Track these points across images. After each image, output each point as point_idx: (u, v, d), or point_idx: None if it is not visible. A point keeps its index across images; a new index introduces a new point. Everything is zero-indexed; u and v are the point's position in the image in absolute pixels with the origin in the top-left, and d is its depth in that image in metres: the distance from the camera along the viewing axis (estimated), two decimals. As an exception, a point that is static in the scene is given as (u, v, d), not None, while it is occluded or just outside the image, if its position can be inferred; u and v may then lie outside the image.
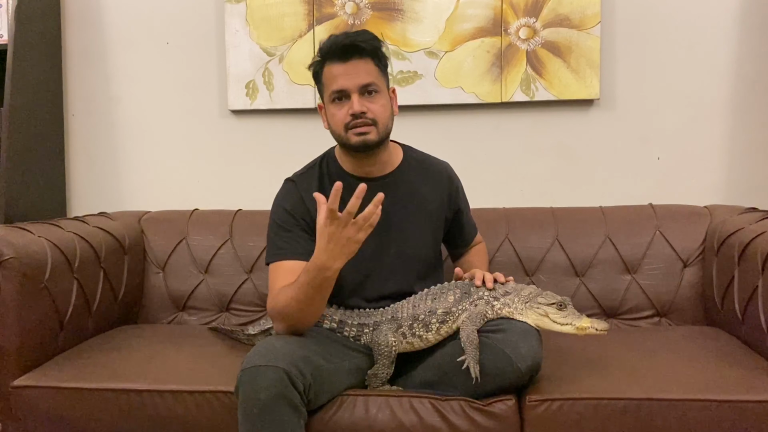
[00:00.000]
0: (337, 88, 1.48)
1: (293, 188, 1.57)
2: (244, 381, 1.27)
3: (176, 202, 2.26)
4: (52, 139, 2.28)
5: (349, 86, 1.47)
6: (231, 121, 2.30)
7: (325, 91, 1.52)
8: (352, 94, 1.47)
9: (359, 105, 1.47)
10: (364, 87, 1.48)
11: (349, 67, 1.47)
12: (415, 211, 1.59)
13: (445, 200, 1.64)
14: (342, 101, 1.49)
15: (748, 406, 1.32)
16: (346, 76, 1.47)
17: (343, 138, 1.51)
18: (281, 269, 1.49)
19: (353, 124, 1.48)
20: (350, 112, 1.47)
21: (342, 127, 1.49)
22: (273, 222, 1.56)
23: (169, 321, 2.01)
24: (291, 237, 1.52)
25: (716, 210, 1.94)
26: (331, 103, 1.51)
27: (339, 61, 1.48)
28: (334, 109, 1.50)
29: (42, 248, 1.61)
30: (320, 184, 1.56)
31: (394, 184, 1.58)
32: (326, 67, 1.50)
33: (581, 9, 2.11)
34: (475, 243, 1.79)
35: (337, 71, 1.48)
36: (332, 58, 1.49)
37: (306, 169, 1.62)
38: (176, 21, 2.29)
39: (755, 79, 2.12)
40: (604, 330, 1.36)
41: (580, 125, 2.19)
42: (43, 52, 2.21)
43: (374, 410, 1.39)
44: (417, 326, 1.44)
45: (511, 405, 1.37)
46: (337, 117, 1.50)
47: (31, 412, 1.49)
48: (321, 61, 1.52)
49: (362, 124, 1.48)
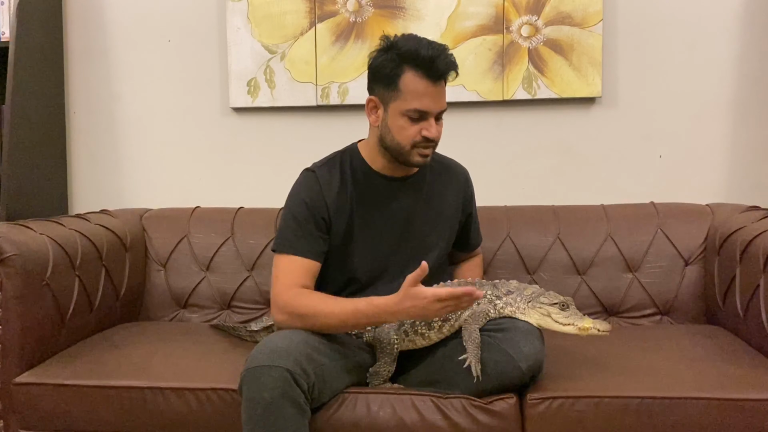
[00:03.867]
0: (423, 108, 1.42)
1: (313, 179, 1.54)
2: (248, 380, 1.27)
3: (178, 199, 2.26)
4: (54, 136, 2.28)
5: (433, 110, 1.44)
6: (232, 119, 2.30)
7: (400, 100, 1.43)
8: (429, 117, 1.44)
9: (437, 132, 1.45)
10: (441, 113, 1.47)
11: (437, 90, 1.43)
12: (434, 213, 1.60)
13: (460, 204, 1.66)
14: (419, 121, 1.44)
15: (749, 404, 1.32)
16: (432, 98, 1.42)
17: (404, 151, 1.47)
18: (289, 264, 1.47)
19: (424, 145, 1.46)
20: (425, 134, 1.44)
21: (410, 143, 1.45)
22: (288, 211, 1.53)
23: (170, 318, 2.01)
24: (304, 233, 1.49)
25: (718, 208, 1.94)
26: (404, 116, 1.44)
27: (429, 78, 1.41)
28: (405, 123, 1.44)
29: (44, 246, 1.62)
30: (342, 178, 1.55)
31: (418, 184, 1.59)
32: (410, 75, 1.41)
33: (583, 7, 2.10)
34: (475, 253, 1.80)
35: (424, 89, 1.41)
36: (422, 71, 1.41)
37: (326, 160, 1.59)
38: (178, 18, 2.29)
39: (757, 78, 2.11)
40: (606, 331, 1.36)
41: (581, 123, 2.18)
42: (44, 49, 2.21)
43: (376, 408, 1.39)
44: (419, 324, 1.44)
45: (513, 403, 1.37)
46: (408, 132, 1.44)
47: (33, 409, 1.50)
48: (401, 63, 1.42)
49: (431, 146, 1.47)
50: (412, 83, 1.42)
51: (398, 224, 1.56)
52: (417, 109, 1.43)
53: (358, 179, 1.56)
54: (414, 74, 1.41)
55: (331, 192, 1.52)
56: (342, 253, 1.55)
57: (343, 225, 1.53)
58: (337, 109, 2.24)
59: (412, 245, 1.57)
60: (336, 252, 1.55)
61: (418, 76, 1.41)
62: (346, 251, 1.55)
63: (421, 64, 1.41)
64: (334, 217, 1.52)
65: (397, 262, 1.56)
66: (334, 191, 1.52)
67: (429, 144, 1.47)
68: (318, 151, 1.65)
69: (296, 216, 1.51)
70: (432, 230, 1.60)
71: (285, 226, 1.52)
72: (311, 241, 1.50)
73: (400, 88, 1.43)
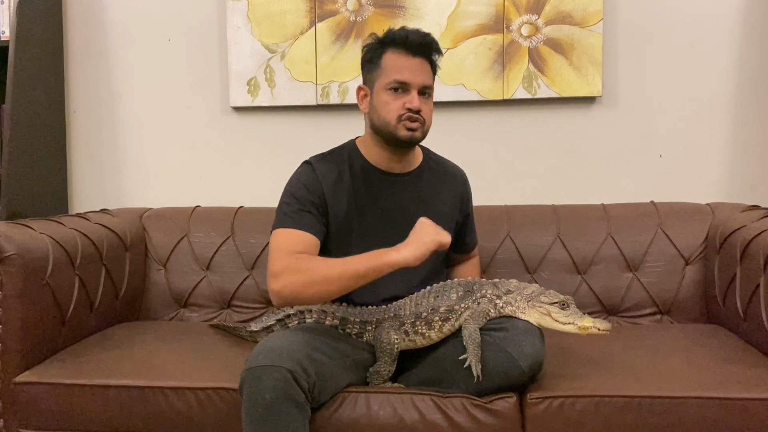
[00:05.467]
0: (402, 79, 1.48)
1: (310, 170, 1.55)
2: (249, 381, 1.27)
3: (178, 199, 2.26)
4: (54, 135, 2.28)
5: (414, 81, 1.48)
6: (232, 118, 2.30)
7: (382, 77, 1.50)
8: (412, 90, 1.48)
9: (419, 102, 1.48)
10: (424, 87, 1.50)
11: (416, 63, 1.49)
12: (429, 211, 1.58)
13: (457, 204, 1.66)
14: (399, 93, 1.49)
15: (749, 403, 1.32)
16: (413, 71, 1.48)
17: (390, 127, 1.50)
18: (288, 236, 1.47)
19: (407, 116, 1.48)
20: (408, 106, 1.48)
21: (395, 117, 1.49)
22: (287, 192, 1.54)
23: (170, 318, 2.01)
24: (303, 210, 1.50)
25: (718, 208, 1.94)
26: (386, 91, 1.49)
27: (407, 53, 1.48)
28: (388, 98, 1.49)
29: (44, 245, 1.61)
30: (339, 172, 1.56)
31: (414, 182, 1.60)
32: (389, 53, 1.50)
33: (583, 6, 2.10)
34: (473, 255, 1.80)
35: (403, 63, 1.48)
36: (399, 48, 1.49)
37: (324, 154, 1.61)
38: (178, 18, 2.29)
39: (758, 77, 2.11)
40: (606, 330, 1.36)
41: (582, 123, 2.18)
42: (44, 48, 2.20)
43: (376, 407, 1.39)
44: (419, 324, 1.44)
45: (513, 402, 1.37)
46: (392, 106, 1.49)
47: (33, 408, 1.50)
48: (383, 46, 1.51)
49: (415, 119, 1.49)
50: (391, 59, 1.50)
51: (395, 221, 1.56)
52: (396, 79, 1.48)
53: (355, 174, 1.56)
54: (393, 51, 1.50)
55: (329, 184, 1.53)
56: (336, 247, 1.55)
57: (340, 217, 1.54)
58: (337, 109, 2.24)
59: None
60: (330, 245, 1.55)
61: (397, 52, 1.50)
62: (343, 247, 1.55)
63: (398, 42, 1.50)
64: (331, 208, 1.53)
65: None
66: (332, 184, 1.53)
67: (413, 116, 1.49)
68: (318, 150, 1.65)
69: (295, 195, 1.52)
70: None
71: (283, 205, 1.52)
72: (311, 218, 1.50)
73: (381, 66, 1.51)
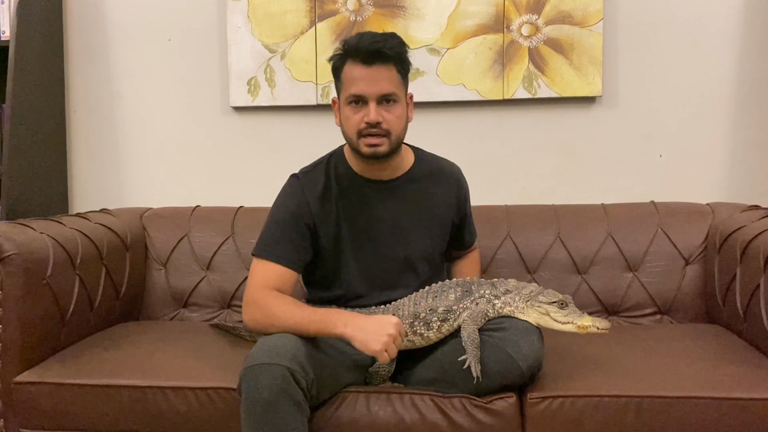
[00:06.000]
0: (356, 92, 1.43)
1: (298, 187, 1.53)
2: (248, 379, 1.27)
3: (178, 198, 2.26)
4: (54, 135, 2.28)
5: (369, 93, 1.43)
6: (233, 118, 2.30)
7: (343, 90, 1.47)
8: (369, 102, 1.43)
9: (375, 115, 1.43)
10: (383, 96, 1.44)
11: (372, 72, 1.43)
12: (423, 216, 1.58)
13: (453, 204, 1.63)
14: (359, 105, 1.44)
15: (749, 403, 1.32)
16: (367, 81, 1.43)
17: (353, 143, 1.48)
18: (264, 268, 1.47)
19: (366, 132, 1.44)
20: (365, 120, 1.43)
21: (355, 132, 1.46)
22: (272, 217, 1.53)
23: (170, 318, 2.01)
24: (284, 240, 1.49)
25: (718, 208, 1.94)
26: (347, 105, 1.46)
27: (362, 63, 1.43)
28: (349, 112, 1.46)
29: (44, 245, 1.62)
30: (326, 183, 1.54)
31: (404, 188, 1.57)
32: (347, 65, 1.45)
33: (584, 6, 2.10)
34: (472, 249, 1.79)
35: (358, 74, 1.43)
36: (355, 58, 1.43)
37: (312, 166, 1.59)
38: (178, 18, 2.29)
39: (758, 77, 2.11)
40: (605, 329, 1.36)
41: (582, 122, 2.18)
42: (45, 48, 2.21)
43: (376, 407, 1.39)
44: (418, 324, 1.44)
45: (512, 402, 1.37)
46: (352, 121, 1.45)
47: (33, 408, 1.50)
48: (343, 57, 1.46)
49: (375, 134, 1.44)
50: (348, 71, 1.45)
51: (387, 230, 1.54)
52: (352, 93, 1.44)
53: (343, 185, 1.54)
54: (350, 62, 1.45)
55: (315, 199, 1.51)
56: (332, 261, 1.54)
57: (331, 231, 1.52)
58: (338, 109, 2.24)
59: (404, 252, 1.56)
60: (327, 260, 1.54)
61: (352, 62, 1.44)
62: (337, 260, 1.54)
63: (351, 51, 1.44)
64: (320, 223, 1.51)
65: (389, 270, 1.55)
66: (318, 197, 1.51)
67: (372, 131, 1.44)
68: (318, 150, 1.65)
69: (278, 222, 1.51)
70: (424, 235, 1.58)
71: (266, 231, 1.52)
72: (290, 248, 1.48)
73: (341, 79, 1.48)
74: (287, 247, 1.48)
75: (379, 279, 1.55)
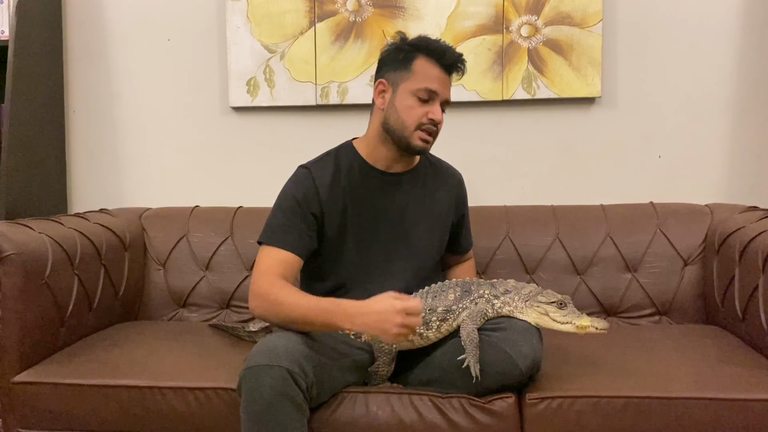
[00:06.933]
0: (435, 89, 1.49)
1: (307, 175, 1.55)
2: (248, 380, 1.27)
3: (177, 199, 2.26)
4: (53, 135, 2.28)
5: (442, 95, 1.51)
6: (232, 118, 2.30)
7: (411, 80, 1.50)
8: (436, 101, 1.50)
9: (441, 115, 1.51)
10: (446, 102, 1.53)
11: (447, 79, 1.53)
12: (427, 210, 1.61)
13: (453, 204, 1.67)
14: (426, 102, 1.50)
15: (748, 404, 1.33)
16: (443, 84, 1.51)
17: (407, 131, 1.51)
18: (271, 254, 1.48)
19: (427, 128, 1.50)
20: (431, 116, 1.49)
21: (415, 123, 1.50)
22: (277, 206, 1.54)
23: (169, 318, 2.01)
24: (290, 227, 1.50)
25: (717, 208, 1.94)
26: (413, 96, 1.50)
27: (441, 66, 1.51)
28: (413, 103, 1.50)
29: (43, 245, 1.61)
30: (335, 172, 1.56)
31: (412, 181, 1.61)
32: (423, 59, 1.50)
33: (583, 7, 2.10)
34: (468, 257, 1.80)
35: (436, 74, 1.50)
36: (436, 58, 1.50)
37: (320, 158, 1.61)
38: (177, 18, 2.29)
39: (757, 78, 2.11)
40: (604, 329, 1.36)
41: (581, 123, 2.18)
42: (44, 48, 2.20)
43: (375, 407, 1.39)
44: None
45: (511, 402, 1.37)
46: (416, 112, 1.49)
47: (31, 408, 1.50)
48: (415, 50, 1.51)
49: (433, 132, 1.52)
50: (424, 66, 1.50)
51: (391, 222, 1.57)
52: (428, 88, 1.49)
53: (352, 174, 1.57)
54: (427, 59, 1.51)
55: (325, 186, 1.53)
56: (334, 249, 1.55)
57: (337, 219, 1.54)
58: (337, 109, 2.24)
59: (405, 245, 1.58)
60: (329, 248, 1.55)
61: (431, 61, 1.51)
62: (339, 247, 1.55)
63: (433, 52, 1.51)
64: (328, 212, 1.53)
65: (388, 262, 1.56)
66: (328, 185, 1.53)
67: (432, 128, 1.51)
68: (317, 150, 1.65)
69: (284, 210, 1.52)
70: (425, 230, 1.60)
71: (272, 218, 1.53)
72: (296, 235, 1.50)
73: (412, 70, 1.50)
74: (293, 234, 1.50)
75: (377, 270, 1.55)
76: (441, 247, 1.66)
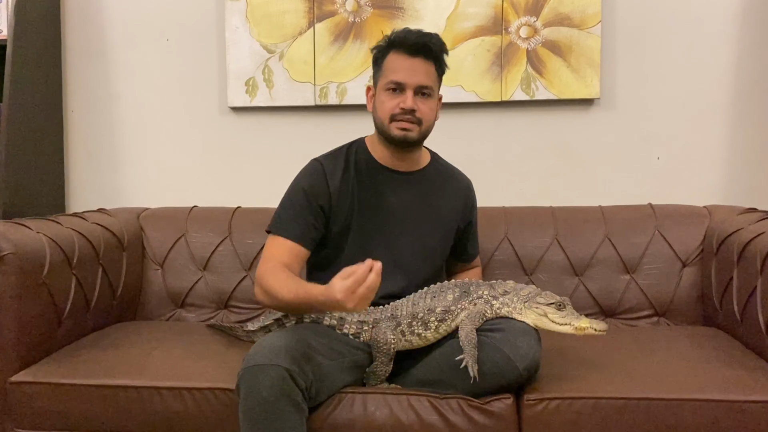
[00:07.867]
0: (397, 79, 1.52)
1: (319, 168, 1.59)
2: (246, 379, 1.27)
3: (175, 199, 2.26)
4: (52, 135, 2.27)
5: (408, 82, 1.51)
6: (231, 119, 2.30)
7: (382, 77, 1.55)
8: (407, 90, 1.51)
9: (411, 102, 1.51)
10: (420, 87, 1.53)
11: (414, 64, 1.52)
12: (431, 213, 1.62)
13: (460, 209, 1.68)
14: (396, 92, 1.53)
15: (746, 406, 1.33)
16: (409, 71, 1.52)
17: (384, 127, 1.55)
18: (279, 245, 1.53)
19: (399, 117, 1.52)
20: (401, 106, 1.51)
21: (388, 116, 1.53)
22: (287, 196, 1.59)
23: (167, 318, 2.00)
24: (298, 218, 1.54)
25: (715, 210, 1.94)
26: (384, 91, 1.54)
27: (406, 54, 1.52)
28: (385, 97, 1.54)
29: (40, 244, 1.61)
30: (346, 166, 1.59)
31: (418, 181, 1.63)
32: (391, 55, 1.54)
33: (582, 8, 2.11)
34: (473, 265, 1.80)
35: (401, 63, 1.52)
36: (400, 48, 1.52)
37: (333, 152, 1.65)
38: (176, 18, 2.29)
39: (755, 80, 2.12)
40: (602, 330, 1.36)
41: (580, 125, 2.19)
42: (42, 48, 2.20)
43: (373, 408, 1.39)
44: (416, 324, 1.44)
45: (510, 403, 1.37)
46: (386, 106, 1.53)
47: (28, 408, 1.49)
48: (387, 48, 1.55)
49: (408, 120, 1.52)
50: (392, 60, 1.54)
51: (394, 219, 1.58)
52: (392, 80, 1.52)
53: (360, 169, 1.60)
54: (394, 52, 1.54)
55: (335, 179, 1.57)
56: (338, 242, 1.57)
57: (343, 214, 1.57)
58: (336, 109, 2.24)
59: (408, 243, 1.58)
60: (333, 241, 1.57)
61: (398, 52, 1.53)
62: (342, 241, 1.57)
63: (399, 42, 1.53)
64: (336, 204, 1.56)
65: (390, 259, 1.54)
66: (338, 178, 1.57)
67: (405, 117, 1.52)
68: (316, 151, 1.66)
69: (293, 201, 1.57)
70: (429, 231, 1.61)
71: (281, 209, 1.58)
72: (303, 226, 1.54)
73: (383, 67, 1.56)
74: (300, 225, 1.54)
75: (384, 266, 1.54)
76: (444, 251, 1.66)
